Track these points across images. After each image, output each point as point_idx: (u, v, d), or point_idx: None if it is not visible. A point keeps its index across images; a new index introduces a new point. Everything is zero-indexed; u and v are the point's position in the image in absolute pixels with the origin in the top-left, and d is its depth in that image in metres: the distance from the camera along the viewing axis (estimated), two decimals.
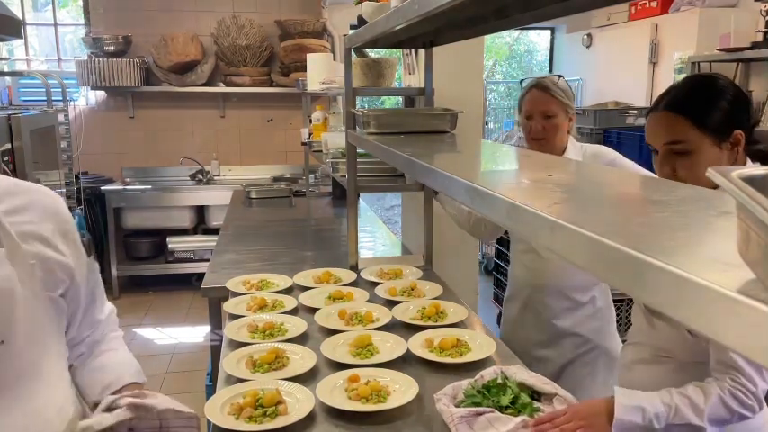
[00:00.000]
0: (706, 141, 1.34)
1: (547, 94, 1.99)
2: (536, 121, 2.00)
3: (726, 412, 1.25)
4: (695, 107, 1.35)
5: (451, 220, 2.36)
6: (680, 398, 1.26)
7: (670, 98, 1.40)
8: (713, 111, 1.35)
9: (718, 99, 1.35)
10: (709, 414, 1.24)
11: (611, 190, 1.00)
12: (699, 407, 1.24)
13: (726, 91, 1.36)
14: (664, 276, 0.50)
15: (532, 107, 2.01)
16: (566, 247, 0.66)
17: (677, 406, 1.25)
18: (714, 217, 0.69)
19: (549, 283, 2.10)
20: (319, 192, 4.72)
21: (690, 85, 1.42)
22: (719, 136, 1.34)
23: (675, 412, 1.25)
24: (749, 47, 3.89)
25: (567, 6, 1.32)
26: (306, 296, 2.13)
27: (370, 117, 2.03)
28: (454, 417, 1.33)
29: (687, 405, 1.25)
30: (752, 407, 1.26)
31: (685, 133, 1.34)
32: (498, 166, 1.43)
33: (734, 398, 1.25)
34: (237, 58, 5.45)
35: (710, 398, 1.25)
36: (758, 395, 1.26)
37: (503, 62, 11.74)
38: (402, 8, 1.40)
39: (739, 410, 1.25)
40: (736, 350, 0.42)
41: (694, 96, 1.37)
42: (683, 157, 1.35)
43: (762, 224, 0.41)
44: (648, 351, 1.47)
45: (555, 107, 1.99)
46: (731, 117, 1.34)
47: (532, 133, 2.01)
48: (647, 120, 1.44)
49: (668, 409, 1.25)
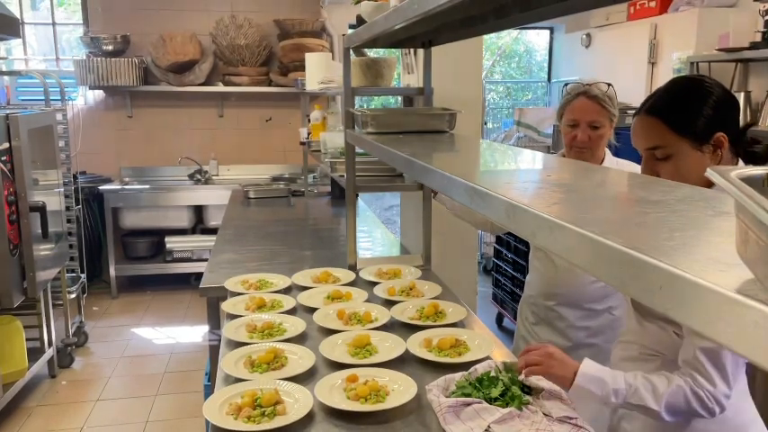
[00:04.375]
0: (685, 145, 1.33)
1: (596, 104, 1.92)
2: (582, 130, 1.92)
3: (684, 404, 1.27)
4: (672, 111, 1.35)
5: (451, 221, 2.36)
6: (643, 381, 1.30)
7: (651, 102, 1.39)
8: (690, 114, 1.33)
9: (696, 102, 1.34)
10: (667, 401, 1.27)
11: (610, 190, 1.00)
12: (659, 392, 1.28)
13: (707, 93, 1.35)
14: (663, 276, 0.50)
15: (580, 116, 1.93)
16: (565, 247, 0.66)
17: (637, 387, 1.29)
18: (713, 217, 0.69)
19: (562, 292, 2.07)
20: (318, 191, 4.71)
21: (670, 88, 1.41)
22: (699, 139, 1.33)
23: (635, 392, 1.29)
24: (748, 47, 3.89)
25: (566, 6, 1.32)
26: (304, 296, 2.13)
27: (368, 117, 2.03)
28: (442, 406, 1.36)
29: (648, 389, 1.29)
30: (711, 409, 1.27)
31: (663, 138, 1.34)
32: (497, 165, 1.43)
33: (695, 395, 1.27)
34: (236, 57, 5.45)
35: (672, 386, 1.28)
36: (718, 397, 1.26)
37: (502, 61, 11.75)
38: (401, 8, 1.40)
39: (697, 408, 1.27)
40: (735, 350, 0.42)
41: (672, 100, 1.37)
42: (665, 162, 1.35)
43: (760, 224, 0.41)
44: (636, 349, 1.48)
45: (603, 118, 1.92)
46: (712, 119, 1.33)
47: (577, 142, 1.94)
48: (633, 122, 1.43)
49: (629, 387, 1.30)
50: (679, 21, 4.58)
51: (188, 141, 5.67)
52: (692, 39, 4.38)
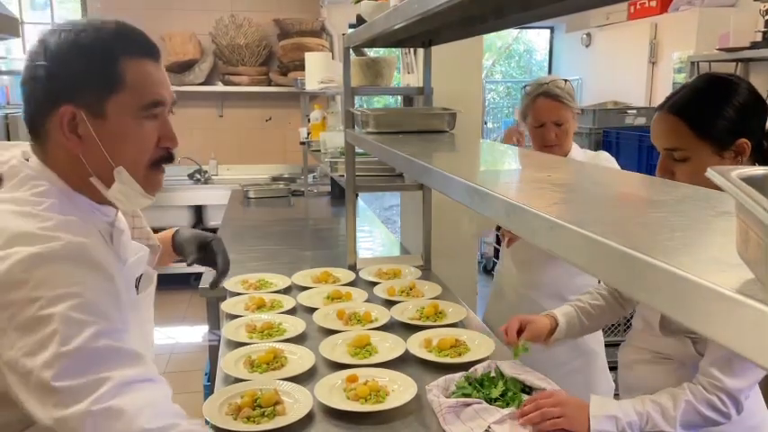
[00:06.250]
0: (705, 149, 1.27)
1: (558, 102, 1.95)
2: (548, 129, 1.97)
3: (698, 417, 1.26)
4: (696, 111, 1.29)
5: (451, 221, 2.36)
6: (652, 405, 1.28)
7: (674, 99, 1.33)
8: (714, 116, 1.27)
9: (722, 103, 1.27)
10: (681, 420, 1.26)
11: (611, 190, 1.00)
12: (669, 414, 1.26)
13: (735, 95, 1.28)
14: (663, 276, 0.50)
15: (546, 116, 1.96)
16: (565, 248, 0.66)
17: (649, 413, 1.27)
18: (713, 217, 0.69)
19: (541, 282, 2.08)
20: (318, 191, 4.71)
21: (696, 86, 1.35)
22: (721, 144, 1.27)
23: (648, 420, 1.27)
24: (748, 46, 3.89)
25: (566, 5, 1.32)
26: (304, 296, 2.13)
27: (368, 116, 2.03)
28: (442, 407, 1.36)
29: (659, 412, 1.27)
30: (726, 413, 1.26)
31: (684, 139, 1.28)
32: (497, 165, 1.43)
33: (707, 404, 1.26)
34: (236, 57, 5.45)
35: (680, 404, 1.26)
36: (733, 397, 1.25)
37: (502, 61, 11.75)
38: (401, 7, 1.40)
39: (712, 416, 1.26)
40: (734, 350, 0.42)
41: (697, 99, 1.30)
42: (683, 164, 1.30)
43: (761, 224, 0.41)
44: (649, 353, 1.47)
45: (566, 113, 1.97)
46: (736, 124, 1.27)
47: (545, 141, 1.98)
48: (653, 118, 1.38)
49: (641, 417, 1.28)
50: (679, 20, 4.58)
51: (187, 141, 5.66)
52: (692, 38, 4.38)
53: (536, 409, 1.31)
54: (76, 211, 1.00)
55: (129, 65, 1.02)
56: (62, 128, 0.99)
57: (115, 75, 1.00)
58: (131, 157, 1.04)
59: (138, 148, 1.05)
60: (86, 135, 1.00)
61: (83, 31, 1.02)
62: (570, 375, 2.01)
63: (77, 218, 0.98)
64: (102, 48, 1.02)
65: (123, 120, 1.01)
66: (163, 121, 1.08)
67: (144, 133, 1.04)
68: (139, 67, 1.03)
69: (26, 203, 0.97)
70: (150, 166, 1.08)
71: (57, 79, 1.00)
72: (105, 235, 1.06)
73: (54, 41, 1.00)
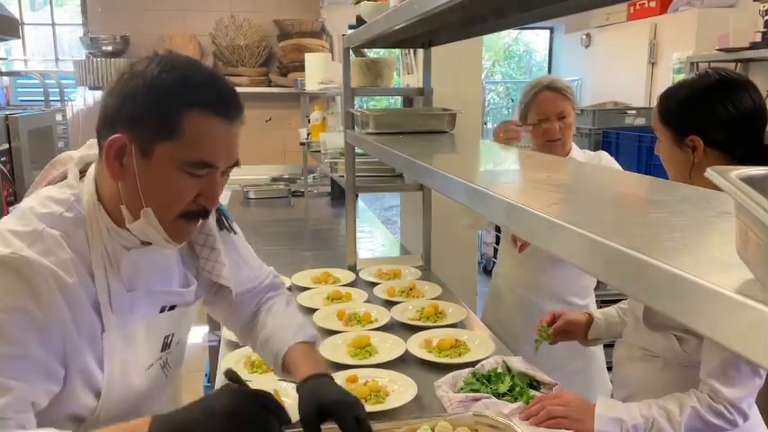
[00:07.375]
0: (668, 135, 1.36)
1: (560, 95, 1.98)
2: (552, 122, 1.97)
3: (702, 424, 1.26)
4: (665, 98, 1.38)
5: (451, 221, 2.36)
6: (658, 410, 1.29)
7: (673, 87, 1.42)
8: (677, 106, 1.34)
9: (691, 97, 1.33)
10: (686, 426, 1.26)
11: (611, 190, 1.00)
12: (675, 419, 1.27)
13: (708, 91, 1.32)
14: (663, 276, 0.50)
15: (550, 109, 1.97)
16: (565, 248, 0.66)
17: (655, 418, 1.28)
18: (713, 217, 0.69)
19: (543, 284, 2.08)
20: (318, 192, 4.71)
21: (693, 80, 1.40)
22: (677, 133, 1.34)
23: (653, 424, 1.28)
24: (748, 47, 3.89)
25: (566, 6, 1.32)
26: (304, 296, 2.13)
27: (368, 117, 2.03)
28: (452, 401, 1.38)
29: (664, 417, 1.28)
30: (732, 420, 1.26)
31: (655, 121, 1.39)
32: (497, 166, 1.43)
33: (713, 411, 1.26)
34: (235, 57, 5.44)
35: (686, 410, 1.27)
36: (737, 406, 1.26)
37: (502, 62, 11.75)
38: (401, 8, 1.40)
39: (717, 423, 1.26)
40: (734, 350, 0.42)
41: (676, 88, 1.38)
42: (660, 144, 1.39)
43: (760, 224, 0.41)
44: (638, 350, 1.48)
45: (568, 107, 1.99)
46: (691, 119, 1.31)
47: (549, 135, 1.98)
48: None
49: (646, 421, 1.28)
50: (679, 21, 4.58)
51: None
52: (691, 39, 4.38)
53: (542, 409, 1.34)
54: (80, 228, 1.01)
55: (193, 118, 0.98)
56: (109, 152, 0.98)
57: (174, 123, 0.98)
58: (162, 203, 1.01)
59: (172, 198, 1.02)
60: (129, 167, 0.99)
61: (168, 70, 1.00)
62: (570, 376, 2.01)
63: (63, 233, 0.98)
64: (173, 94, 0.99)
65: (166, 167, 0.99)
66: (209, 180, 1.03)
67: (182, 186, 1.01)
68: (203, 124, 0.99)
69: (43, 206, 1.00)
70: (181, 215, 1.04)
71: (123, 108, 0.99)
72: (111, 257, 1.04)
73: (139, 70, 1.01)
